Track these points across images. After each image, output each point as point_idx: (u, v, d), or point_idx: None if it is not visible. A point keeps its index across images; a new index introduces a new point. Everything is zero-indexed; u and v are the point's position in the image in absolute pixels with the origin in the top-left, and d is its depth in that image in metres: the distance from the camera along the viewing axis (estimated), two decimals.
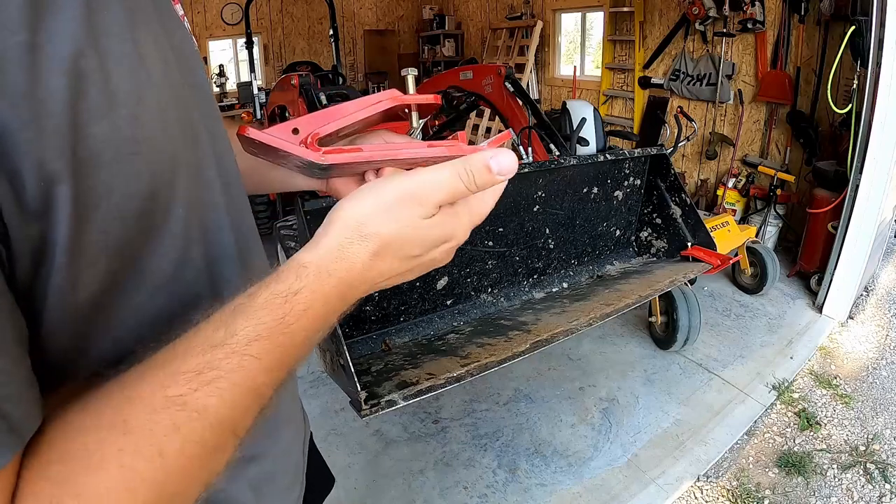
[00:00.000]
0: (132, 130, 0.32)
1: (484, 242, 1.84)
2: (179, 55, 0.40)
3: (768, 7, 3.58)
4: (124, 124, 0.31)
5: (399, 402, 1.21)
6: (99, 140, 0.30)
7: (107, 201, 0.31)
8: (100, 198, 0.30)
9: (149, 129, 0.33)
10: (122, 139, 0.31)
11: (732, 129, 4.01)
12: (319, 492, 0.76)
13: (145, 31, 0.34)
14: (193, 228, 0.39)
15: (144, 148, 0.33)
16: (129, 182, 0.32)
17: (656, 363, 2.43)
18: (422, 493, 1.78)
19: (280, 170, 0.62)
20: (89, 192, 0.30)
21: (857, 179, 2.54)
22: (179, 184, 0.37)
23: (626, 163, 2.18)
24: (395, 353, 1.60)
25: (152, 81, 0.34)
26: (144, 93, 0.33)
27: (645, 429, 2.04)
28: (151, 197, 0.34)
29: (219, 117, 0.48)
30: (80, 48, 0.28)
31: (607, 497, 1.76)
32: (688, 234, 2.20)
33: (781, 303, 2.94)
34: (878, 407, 2.15)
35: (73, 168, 0.28)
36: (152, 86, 0.34)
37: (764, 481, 1.82)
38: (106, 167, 0.30)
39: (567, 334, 1.55)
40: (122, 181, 0.31)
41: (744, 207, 3.76)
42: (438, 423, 2.09)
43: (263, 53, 6.45)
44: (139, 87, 0.32)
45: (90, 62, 0.29)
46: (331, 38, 4.01)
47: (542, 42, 5.79)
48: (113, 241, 0.32)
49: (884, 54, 2.34)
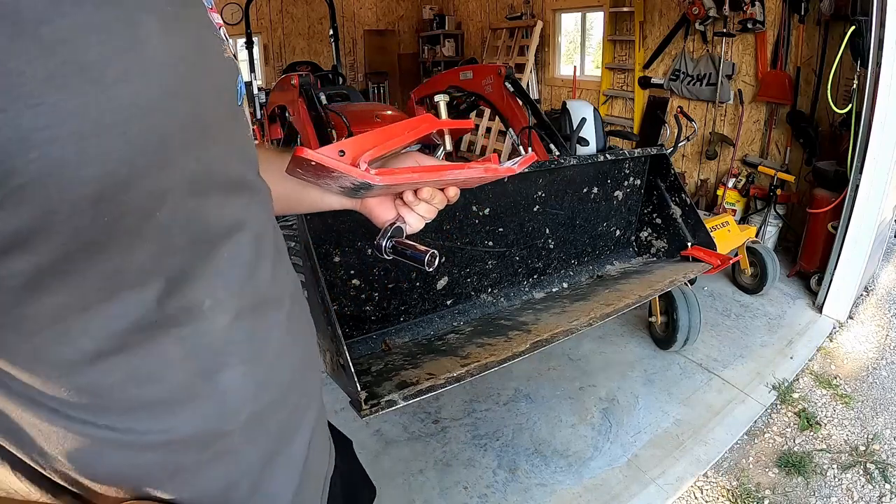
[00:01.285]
0: (98, 109, 0.30)
1: (484, 242, 1.84)
2: (200, 59, 0.39)
3: (768, 7, 3.58)
4: (91, 101, 0.29)
5: (399, 402, 1.21)
6: (52, 111, 0.28)
7: (55, 181, 0.29)
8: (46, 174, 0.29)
9: (124, 113, 0.31)
10: (86, 117, 0.29)
11: (732, 129, 4.01)
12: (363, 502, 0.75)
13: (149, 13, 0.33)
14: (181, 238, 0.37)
15: (115, 132, 0.31)
16: (87, 164, 0.30)
17: (656, 363, 2.43)
18: (422, 493, 1.78)
19: (313, 191, 0.63)
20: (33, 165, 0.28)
21: (857, 179, 2.54)
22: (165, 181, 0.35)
23: (626, 163, 2.18)
24: (395, 353, 1.61)
25: (145, 61, 0.32)
26: (130, 76, 0.31)
27: (645, 429, 2.05)
28: (120, 187, 0.32)
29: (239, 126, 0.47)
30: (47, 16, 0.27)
31: (607, 497, 1.76)
32: (688, 234, 2.20)
33: (781, 303, 2.94)
34: (878, 407, 2.15)
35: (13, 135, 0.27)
36: (144, 66, 0.32)
37: (764, 481, 1.82)
38: (60, 143, 0.29)
39: (567, 334, 1.55)
40: (78, 162, 0.30)
41: (744, 207, 3.77)
42: (438, 423, 2.09)
43: (263, 53, 6.46)
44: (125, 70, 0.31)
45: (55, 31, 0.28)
46: (331, 38, 4.02)
47: (542, 42, 5.79)
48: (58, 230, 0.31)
49: (884, 54, 2.34)
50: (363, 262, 1.57)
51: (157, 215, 0.35)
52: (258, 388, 0.44)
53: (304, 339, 0.53)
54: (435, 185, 0.62)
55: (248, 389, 0.43)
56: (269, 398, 0.46)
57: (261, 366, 0.45)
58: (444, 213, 0.67)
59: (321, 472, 0.58)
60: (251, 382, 0.44)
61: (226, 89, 0.43)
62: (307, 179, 0.58)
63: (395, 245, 0.63)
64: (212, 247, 0.40)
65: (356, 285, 1.59)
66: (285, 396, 0.48)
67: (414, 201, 0.62)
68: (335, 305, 1.54)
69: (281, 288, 0.49)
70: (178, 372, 0.39)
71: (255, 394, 0.44)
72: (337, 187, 0.60)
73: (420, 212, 0.63)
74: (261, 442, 0.45)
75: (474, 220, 1.77)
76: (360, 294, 1.61)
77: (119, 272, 0.35)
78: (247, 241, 0.43)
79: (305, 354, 0.53)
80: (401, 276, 1.66)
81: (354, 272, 1.57)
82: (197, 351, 0.40)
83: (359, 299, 1.61)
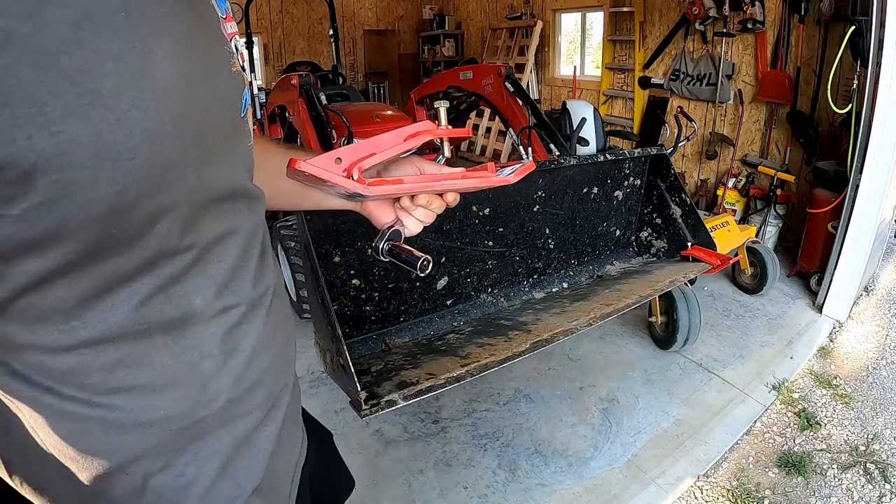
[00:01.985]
0: (112, 136, 0.32)
1: (484, 242, 1.84)
2: (207, 80, 0.40)
3: (768, 7, 3.58)
4: (105, 128, 0.31)
5: (399, 402, 1.21)
6: (71, 138, 0.30)
7: (70, 200, 0.31)
8: (62, 195, 0.31)
9: (136, 139, 0.33)
10: (101, 143, 0.31)
11: (732, 129, 4.01)
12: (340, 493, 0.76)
13: (162, 38, 0.34)
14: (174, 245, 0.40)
15: (125, 157, 0.33)
16: (99, 186, 0.32)
17: (656, 363, 2.43)
18: (422, 493, 1.78)
19: (315, 191, 0.64)
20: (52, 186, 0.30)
21: (857, 179, 2.54)
22: (167, 199, 0.37)
23: (626, 163, 2.18)
24: (395, 353, 1.61)
25: (156, 87, 0.34)
26: (141, 103, 0.33)
27: (645, 429, 2.05)
28: (127, 206, 0.34)
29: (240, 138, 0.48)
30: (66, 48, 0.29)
31: (607, 497, 1.76)
32: (688, 234, 2.20)
33: (781, 303, 2.94)
34: (878, 407, 2.15)
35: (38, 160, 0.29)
36: (155, 93, 0.34)
37: (764, 481, 1.82)
38: (75, 168, 0.31)
39: (567, 334, 1.55)
40: (91, 184, 0.32)
41: (744, 207, 3.77)
42: (438, 423, 2.09)
43: (263, 53, 6.46)
44: (136, 97, 0.32)
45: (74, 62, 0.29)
46: (331, 38, 4.02)
47: (542, 42, 5.79)
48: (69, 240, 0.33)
49: (884, 54, 2.34)
50: (363, 262, 1.57)
51: (157, 227, 0.38)
52: (237, 378, 0.48)
53: (283, 331, 0.56)
54: (431, 192, 0.63)
55: (227, 379, 0.47)
56: (245, 387, 0.49)
57: (240, 358, 0.48)
58: (444, 213, 0.67)
59: (292, 459, 0.60)
60: (231, 373, 0.47)
61: (230, 105, 0.45)
62: (306, 183, 0.59)
63: (391, 248, 0.64)
64: (204, 250, 0.43)
65: (356, 285, 1.59)
66: (261, 386, 0.51)
67: (411, 206, 0.63)
68: (335, 305, 1.54)
69: (264, 284, 0.51)
70: (164, 359, 0.42)
71: (234, 383, 0.47)
72: (334, 192, 0.61)
73: (418, 216, 0.65)
74: (236, 426, 0.49)
75: (474, 220, 1.77)
76: (360, 294, 1.61)
77: (118, 273, 0.37)
78: (237, 244, 0.46)
79: (283, 346, 0.56)
80: (401, 277, 1.66)
81: (354, 272, 1.57)
82: (183, 343, 0.43)
83: (359, 299, 1.61)
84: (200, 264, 0.43)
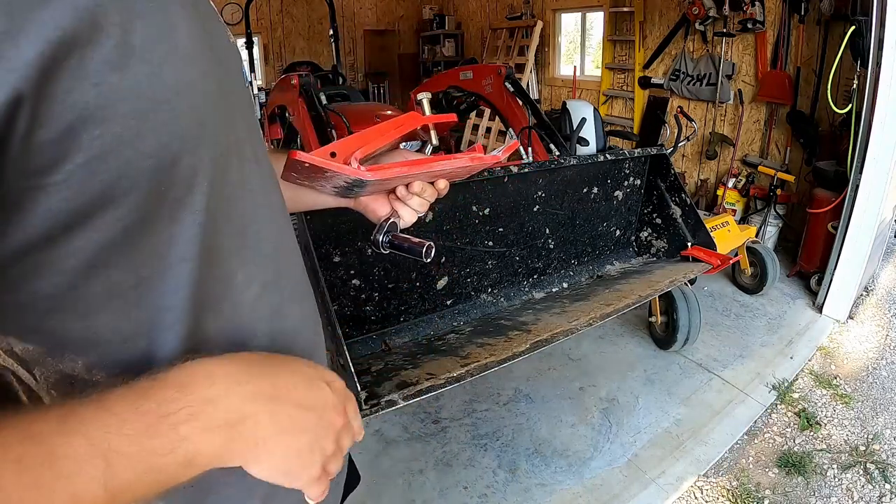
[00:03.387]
0: (151, 88, 0.32)
1: (484, 242, 1.84)
2: (216, 44, 0.41)
3: (768, 7, 3.58)
4: (144, 79, 0.32)
5: (399, 402, 1.21)
6: (112, 90, 0.30)
7: (116, 155, 0.31)
8: (108, 150, 0.31)
9: (173, 91, 0.34)
10: (141, 94, 0.32)
11: (732, 129, 4.01)
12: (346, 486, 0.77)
13: (174, 4, 0.35)
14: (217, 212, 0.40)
15: (165, 108, 0.33)
16: (145, 138, 0.32)
17: (656, 363, 2.43)
18: (422, 493, 1.78)
19: (308, 192, 0.66)
20: (97, 141, 0.30)
21: (857, 179, 2.54)
22: (207, 153, 0.37)
23: (626, 163, 2.18)
24: (395, 353, 1.61)
25: (179, 52, 0.35)
26: (171, 58, 0.34)
27: (645, 429, 2.05)
28: (173, 161, 0.34)
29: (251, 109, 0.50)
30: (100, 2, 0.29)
31: (607, 497, 1.76)
32: (688, 234, 2.20)
33: (781, 303, 2.94)
34: (878, 407, 2.15)
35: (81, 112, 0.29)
36: (180, 51, 0.35)
37: (764, 481, 1.82)
38: (118, 120, 0.31)
39: (567, 334, 1.55)
40: (136, 136, 0.32)
41: (744, 207, 3.76)
42: (438, 423, 2.09)
43: (263, 53, 6.45)
44: (167, 51, 0.33)
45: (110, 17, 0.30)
46: (331, 38, 4.02)
47: (542, 42, 5.79)
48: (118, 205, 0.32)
49: (884, 54, 2.34)
50: (363, 262, 1.57)
51: (195, 190, 0.37)
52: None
53: (311, 305, 0.57)
54: (426, 178, 0.65)
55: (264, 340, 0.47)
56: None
57: (283, 335, 0.49)
58: (444, 213, 0.68)
59: None
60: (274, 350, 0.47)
61: (237, 71, 0.47)
62: (302, 183, 0.60)
63: (391, 239, 0.65)
64: (241, 223, 0.43)
65: (356, 285, 1.59)
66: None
67: (406, 195, 0.65)
68: (335, 305, 1.54)
69: (295, 258, 0.53)
70: (210, 342, 0.41)
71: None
72: (331, 188, 0.62)
73: (413, 205, 0.67)
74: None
75: (474, 220, 1.77)
76: (360, 294, 1.61)
77: (167, 246, 0.36)
78: (268, 218, 0.47)
79: (315, 323, 0.57)
80: (401, 276, 1.66)
81: (354, 272, 1.57)
82: (229, 323, 0.43)
83: (359, 299, 1.61)
84: (240, 238, 0.44)
